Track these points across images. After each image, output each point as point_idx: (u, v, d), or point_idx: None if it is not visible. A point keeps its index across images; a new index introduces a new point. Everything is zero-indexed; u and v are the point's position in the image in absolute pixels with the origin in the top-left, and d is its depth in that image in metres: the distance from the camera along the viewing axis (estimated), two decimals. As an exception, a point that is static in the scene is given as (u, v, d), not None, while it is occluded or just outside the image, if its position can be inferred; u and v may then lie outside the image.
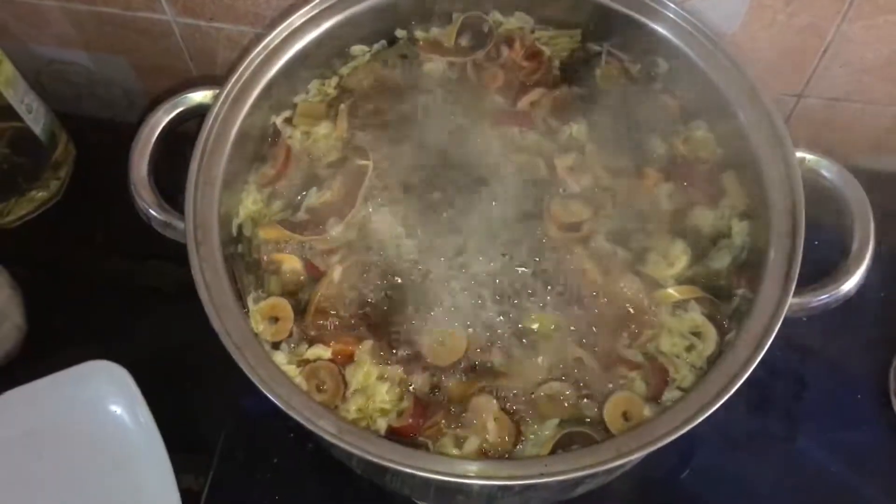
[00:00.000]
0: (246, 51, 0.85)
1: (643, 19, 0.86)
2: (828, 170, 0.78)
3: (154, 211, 0.78)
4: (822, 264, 0.76)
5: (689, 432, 0.87)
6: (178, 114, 0.82)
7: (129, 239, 0.83)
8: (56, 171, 1.11)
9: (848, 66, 0.96)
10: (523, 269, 0.80)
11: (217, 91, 0.82)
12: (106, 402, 0.92)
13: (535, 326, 0.77)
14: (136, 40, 1.12)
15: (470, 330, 0.77)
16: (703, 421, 0.81)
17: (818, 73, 0.98)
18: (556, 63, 0.91)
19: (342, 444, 0.66)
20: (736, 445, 0.92)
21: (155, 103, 1.21)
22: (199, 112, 0.82)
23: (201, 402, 0.95)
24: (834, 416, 0.93)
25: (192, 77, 1.17)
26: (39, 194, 1.10)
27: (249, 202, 0.85)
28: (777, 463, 0.92)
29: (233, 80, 0.82)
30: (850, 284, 0.73)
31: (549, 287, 0.79)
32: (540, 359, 0.76)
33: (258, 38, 0.85)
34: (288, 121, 0.89)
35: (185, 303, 0.74)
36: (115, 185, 0.82)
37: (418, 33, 0.92)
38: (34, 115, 1.05)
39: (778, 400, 0.94)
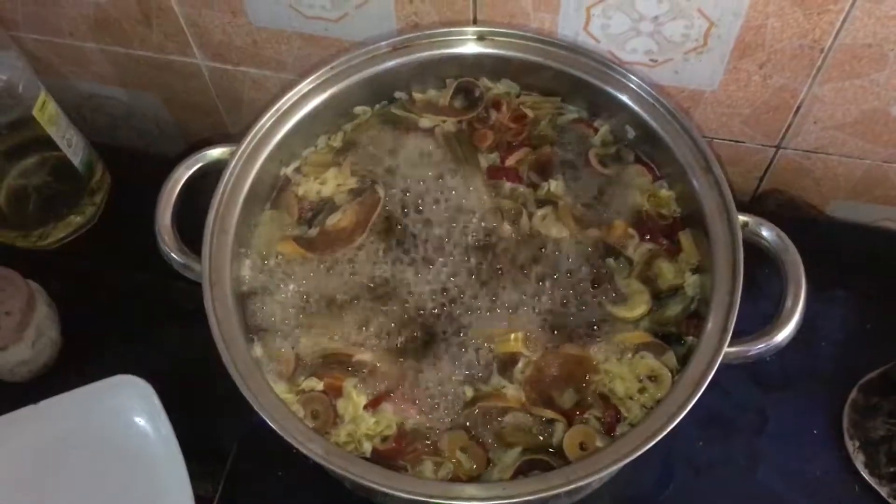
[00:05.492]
0: (260, 113, 0.90)
1: (612, 91, 0.91)
2: (768, 232, 0.82)
3: (175, 255, 0.83)
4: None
5: (656, 462, 0.96)
6: (197, 168, 0.87)
7: (157, 260, 0.86)
8: (92, 198, 1.16)
9: (820, 123, 1.00)
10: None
11: (233, 148, 0.88)
12: (130, 413, 0.96)
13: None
14: (167, 80, 1.20)
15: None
16: (669, 451, 0.90)
17: (793, 129, 1.02)
18: (539, 125, 0.96)
19: (328, 465, 0.73)
20: (699, 473, 0.96)
21: (185, 135, 1.32)
22: (217, 167, 0.88)
23: (217, 414, 0.98)
24: (792, 449, 0.97)
25: (218, 114, 1.25)
26: (76, 219, 1.15)
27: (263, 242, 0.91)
28: (738, 491, 0.96)
29: (247, 139, 0.88)
30: (781, 336, 0.78)
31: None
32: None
33: (272, 101, 0.91)
34: (297, 170, 0.95)
35: (205, 321, 0.80)
36: (145, 211, 0.87)
37: (415, 94, 0.98)
38: (73, 149, 1.11)
39: (742, 432, 0.98)
